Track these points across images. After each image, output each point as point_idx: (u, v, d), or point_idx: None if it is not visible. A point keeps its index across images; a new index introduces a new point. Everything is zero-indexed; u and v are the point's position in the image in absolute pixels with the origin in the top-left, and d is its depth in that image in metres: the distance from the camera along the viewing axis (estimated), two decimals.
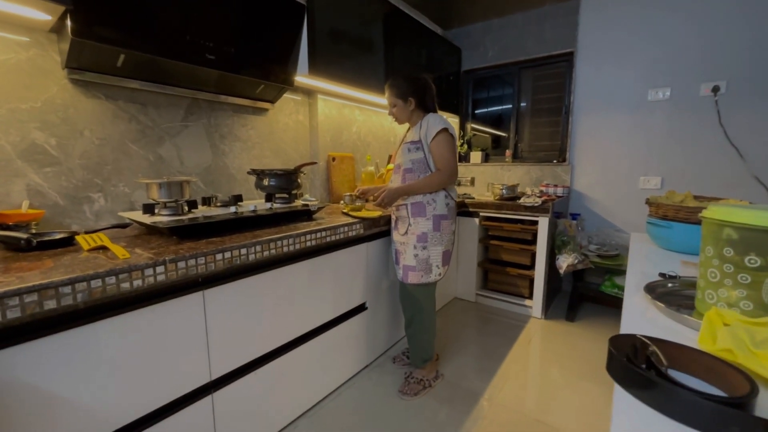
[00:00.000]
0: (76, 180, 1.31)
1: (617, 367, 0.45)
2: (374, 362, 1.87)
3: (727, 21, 2.19)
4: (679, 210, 1.09)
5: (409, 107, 1.56)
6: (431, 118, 1.53)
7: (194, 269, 1.01)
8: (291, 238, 1.28)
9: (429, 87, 1.59)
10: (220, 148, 1.76)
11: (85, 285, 0.81)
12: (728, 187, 2.26)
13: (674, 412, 0.37)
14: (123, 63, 1.28)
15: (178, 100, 1.57)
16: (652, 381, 0.40)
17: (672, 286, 0.76)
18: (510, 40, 3.00)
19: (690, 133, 2.38)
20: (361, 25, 2.07)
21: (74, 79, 1.27)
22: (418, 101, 1.57)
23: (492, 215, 2.55)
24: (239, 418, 1.22)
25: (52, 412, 0.81)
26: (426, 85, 1.58)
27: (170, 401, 1.02)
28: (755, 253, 0.56)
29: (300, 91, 2.12)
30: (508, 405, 1.57)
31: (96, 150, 1.35)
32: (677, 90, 2.39)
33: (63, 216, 1.29)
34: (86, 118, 1.32)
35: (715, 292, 0.62)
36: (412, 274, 1.57)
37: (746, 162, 2.21)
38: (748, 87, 2.17)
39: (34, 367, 0.78)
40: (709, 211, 0.65)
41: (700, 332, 0.54)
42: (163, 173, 1.55)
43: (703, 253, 0.66)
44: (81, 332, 0.84)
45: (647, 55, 2.46)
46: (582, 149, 2.78)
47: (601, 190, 2.73)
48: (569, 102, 2.80)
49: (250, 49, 1.55)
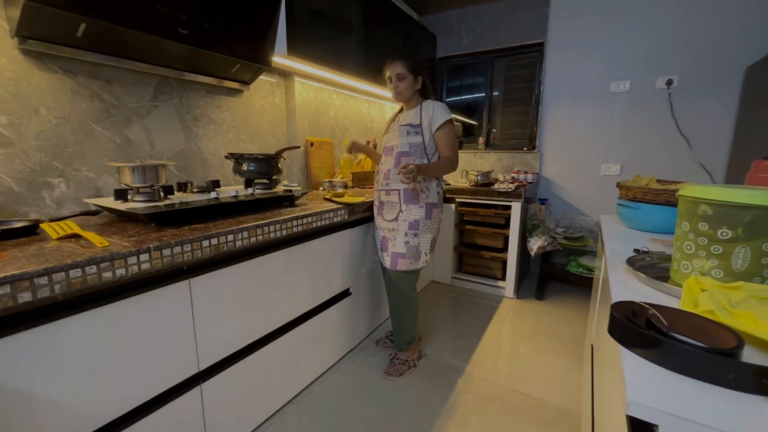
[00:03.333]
0: (33, 163, 1.19)
1: (621, 328, 0.49)
2: (358, 346, 1.90)
3: (678, 18, 2.37)
4: (647, 192, 1.19)
5: (416, 85, 1.56)
6: (437, 106, 1.53)
7: (180, 257, 0.96)
8: (278, 224, 1.25)
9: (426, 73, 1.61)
10: (193, 130, 1.66)
11: (64, 275, 0.75)
12: (678, 173, 2.47)
13: (677, 365, 0.42)
14: (83, 33, 1.16)
15: (146, 77, 1.45)
16: (656, 339, 0.44)
17: (650, 260, 0.84)
18: (484, 29, 3.05)
19: (646, 123, 2.57)
20: (339, 6, 2.01)
21: (25, 50, 1.14)
22: (424, 83, 1.57)
23: (467, 201, 2.63)
24: (228, 407, 1.19)
25: (34, 411, 0.75)
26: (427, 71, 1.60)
27: (158, 394, 0.98)
28: (727, 226, 0.63)
29: (276, 72, 2.04)
30: (488, 379, 1.66)
31: (54, 130, 1.23)
32: (636, 83, 2.56)
33: (19, 203, 1.17)
34: (41, 94, 1.19)
35: (690, 263, 0.70)
36: (402, 261, 1.58)
37: (693, 150, 2.44)
38: (696, 81, 2.37)
39: (10, 365, 0.71)
40: (686, 189, 0.71)
41: (681, 298, 0.61)
42: (132, 157, 1.44)
43: (680, 228, 0.73)
44: (61, 325, 0.77)
45: (610, 48, 2.60)
46: (550, 137, 2.91)
47: (567, 176, 2.90)
48: (539, 91, 2.92)
49: (225, 25, 1.46)
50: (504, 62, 3.12)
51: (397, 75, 1.54)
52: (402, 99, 1.59)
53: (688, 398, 0.39)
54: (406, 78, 1.54)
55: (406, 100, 1.59)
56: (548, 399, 1.52)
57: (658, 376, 0.42)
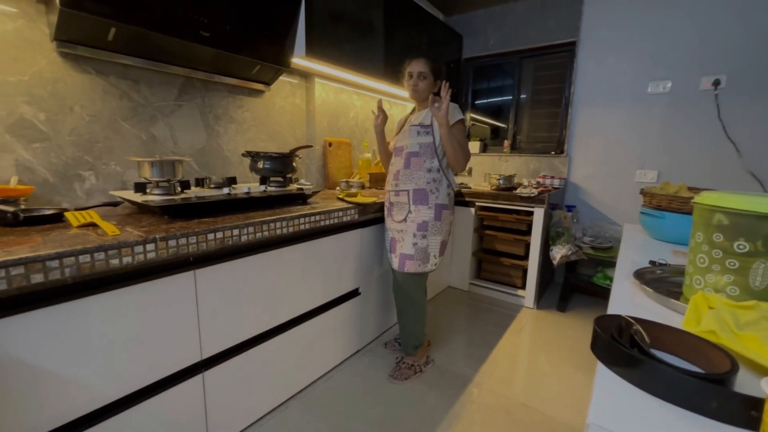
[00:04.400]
0: (66, 157, 1.29)
1: (601, 345, 0.45)
2: (366, 347, 1.89)
3: (728, 14, 2.17)
4: (672, 200, 1.10)
5: (433, 87, 1.56)
6: (449, 106, 1.51)
7: (185, 248, 1.00)
8: (284, 221, 1.27)
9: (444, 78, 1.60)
10: (215, 129, 1.73)
11: (73, 260, 0.80)
12: (724, 182, 2.26)
13: (656, 389, 0.38)
14: (114, 37, 1.25)
15: (171, 78, 1.54)
16: (634, 358, 0.40)
17: (661, 273, 0.76)
18: (511, 28, 2.96)
19: (688, 127, 2.37)
20: (361, 8, 2.03)
21: (63, 53, 1.24)
22: (439, 88, 1.56)
23: (488, 205, 2.55)
24: (230, 397, 1.23)
25: (40, 385, 0.81)
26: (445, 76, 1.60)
27: (159, 379, 1.03)
28: (744, 238, 0.57)
29: (297, 73, 2.09)
30: (497, 390, 1.59)
31: (86, 126, 1.33)
32: (678, 83, 2.37)
33: (53, 193, 1.27)
34: (76, 93, 1.29)
35: (703, 278, 0.63)
36: (410, 263, 1.56)
37: (742, 157, 2.22)
38: (748, 82, 2.16)
39: (20, 341, 0.77)
40: (700, 196, 0.65)
41: (685, 315, 0.55)
42: (156, 153, 1.53)
43: (693, 239, 0.66)
44: (69, 307, 0.83)
45: (649, 47, 2.43)
46: (580, 141, 2.77)
47: (598, 182, 2.73)
48: (569, 93, 2.78)
49: (246, 28, 1.51)
50: (533, 63, 3.01)
51: (419, 73, 1.53)
52: (418, 98, 1.58)
53: (660, 426, 0.34)
54: (427, 78, 1.53)
55: (423, 99, 1.58)
56: (558, 416, 1.44)
57: (631, 399, 0.38)
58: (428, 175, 1.51)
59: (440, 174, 1.53)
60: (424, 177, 1.51)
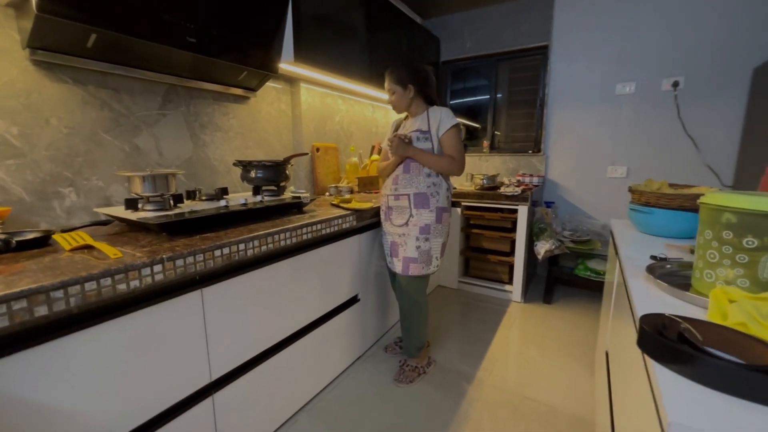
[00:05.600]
0: (43, 173, 1.19)
1: (652, 342, 0.48)
2: (367, 352, 1.89)
3: (686, 20, 2.36)
4: (660, 197, 1.18)
5: (408, 95, 1.55)
6: (444, 112, 1.53)
7: (192, 267, 0.96)
8: (288, 232, 1.25)
9: (429, 77, 1.59)
10: (201, 138, 1.66)
11: (79, 288, 0.74)
12: (685, 175, 2.46)
13: (716, 383, 0.41)
14: (94, 43, 1.16)
15: (154, 86, 1.46)
16: (691, 354, 0.43)
17: (669, 268, 0.82)
18: (487, 32, 3.05)
19: (652, 125, 2.55)
20: (344, 11, 2.02)
21: (37, 61, 1.14)
22: (418, 89, 1.56)
23: (474, 204, 2.62)
24: (240, 416, 1.18)
25: (49, 424, 0.74)
26: (427, 76, 1.58)
27: (170, 406, 0.97)
28: (752, 235, 0.62)
29: (282, 79, 2.04)
30: (499, 385, 1.64)
31: (64, 140, 1.23)
32: (641, 84, 2.55)
33: (30, 213, 1.17)
34: (52, 104, 1.19)
35: (714, 272, 0.68)
36: (414, 266, 1.57)
37: (700, 152, 2.42)
38: (704, 82, 2.36)
39: (25, 380, 0.71)
40: (708, 197, 0.70)
41: (709, 309, 0.60)
42: (141, 165, 1.44)
43: (702, 236, 0.71)
44: (75, 338, 0.77)
45: (616, 50, 2.59)
46: (556, 140, 2.90)
47: (573, 179, 2.88)
48: (544, 94, 2.91)
49: (233, 33, 1.46)
50: (508, 65, 3.12)
51: (388, 90, 1.58)
52: (399, 110, 1.61)
53: (731, 418, 0.38)
54: (395, 92, 1.56)
55: (404, 109, 1.61)
56: (560, 406, 1.50)
57: (695, 394, 0.41)
58: (428, 180, 1.53)
59: (440, 178, 1.55)
60: (424, 182, 1.53)
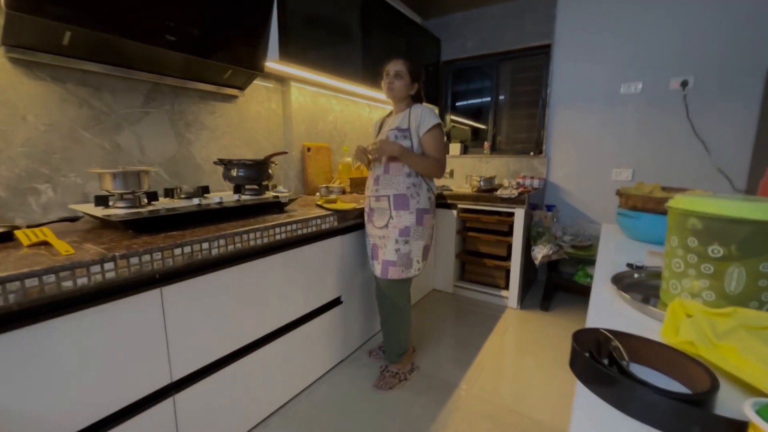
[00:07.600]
0: (19, 170, 1.20)
1: (579, 363, 0.43)
2: (350, 356, 1.85)
3: (697, 17, 2.24)
4: (648, 201, 1.10)
5: (410, 89, 1.53)
6: (425, 110, 1.49)
7: (149, 265, 0.94)
8: (258, 232, 1.22)
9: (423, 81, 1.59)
10: (186, 136, 1.66)
11: (18, 285, 0.73)
12: (695, 180, 2.33)
13: (635, 411, 0.36)
14: (70, 41, 1.17)
15: (137, 84, 1.46)
16: (612, 377, 0.38)
17: (638, 277, 0.76)
18: (489, 32, 2.98)
19: (659, 126, 2.43)
20: (337, 11, 2.00)
21: (13, 58, 1.16)
22: (418, 90, 1.56)
23: (470, 207, 2.55)
24: (204, 419, 1.16)
25: None
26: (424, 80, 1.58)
27: (125, 405, 0.96)
28: (718, 243, 0.56)
29: (272, 78, 2.03)
30: (483, 395, 1.58)
31: (42, 137, 1.24)
32: (648, 84, 2.44)
33: (5, 209, 1.18)
34: (29, 101, 1.21)
35: (679, 282, 0.62)
36: (393, 269, 1.53)
37: (711, 155, 2.29)
38: (714, 83, 2.23)
39: None
40: (674, 200, 0.64)
41: (663, 324, 0.54)
42: (122, 163, 1.45)
43: (668, 243, 0.65)
44: (17, 336, 0.76)
45: (621, 49, 2.49)
46: (558, 142, 2.81)
47: (576, 182, 2.78)
48: (546, 95, 2.82)
49: (215, 31, 1.45)
50: (510, 65, 3.04)
51: (396, 72, 1.50)
52: (393, 98, 1.55)
53: None
54: (403, 78, 1.50)
55: (398, 100, 1.55)
56: (546, 421, 1.43)
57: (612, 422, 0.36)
58: (408, 180, 1.49)
59: (419, 179, 1.51)
60: (404, 182, 1.48)
